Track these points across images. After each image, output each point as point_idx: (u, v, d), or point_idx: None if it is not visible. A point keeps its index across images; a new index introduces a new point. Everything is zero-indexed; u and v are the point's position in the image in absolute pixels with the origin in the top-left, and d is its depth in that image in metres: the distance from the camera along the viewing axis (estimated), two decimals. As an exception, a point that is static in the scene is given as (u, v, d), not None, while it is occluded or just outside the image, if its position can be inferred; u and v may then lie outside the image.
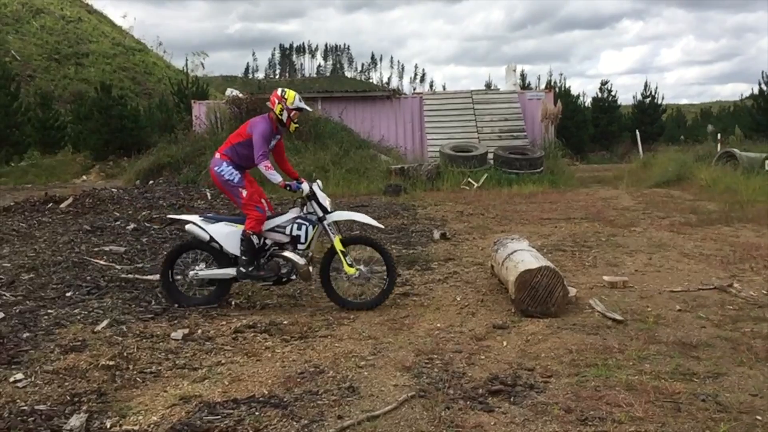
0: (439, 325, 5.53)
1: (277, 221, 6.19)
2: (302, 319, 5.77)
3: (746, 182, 14.34)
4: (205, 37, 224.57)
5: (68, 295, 6.43)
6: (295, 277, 6.21)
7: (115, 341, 5.05)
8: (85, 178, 24.48)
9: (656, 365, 4.43)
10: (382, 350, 4.89)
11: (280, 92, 6.26)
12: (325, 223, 6.13)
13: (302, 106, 6.23)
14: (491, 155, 18.33)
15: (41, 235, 9.67)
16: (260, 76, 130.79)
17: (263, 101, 19.80)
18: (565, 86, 37.34)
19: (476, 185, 16.69)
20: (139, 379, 4.38)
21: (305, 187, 6.09)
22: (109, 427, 3.69)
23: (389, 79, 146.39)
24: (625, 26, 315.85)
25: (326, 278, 6.19)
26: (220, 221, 6.26)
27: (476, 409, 3.80)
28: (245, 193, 6.11)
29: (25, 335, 5.18)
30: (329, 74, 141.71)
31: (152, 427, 3.68)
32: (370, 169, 17.52)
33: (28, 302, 6.14)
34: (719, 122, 35.04)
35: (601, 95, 38.48)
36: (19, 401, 3.99)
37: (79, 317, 5.69)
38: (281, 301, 6.51)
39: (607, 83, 38.83)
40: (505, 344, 4.97)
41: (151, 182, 17.71)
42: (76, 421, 3.71)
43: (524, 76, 38.24)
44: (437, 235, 9.74)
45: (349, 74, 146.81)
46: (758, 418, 3.62)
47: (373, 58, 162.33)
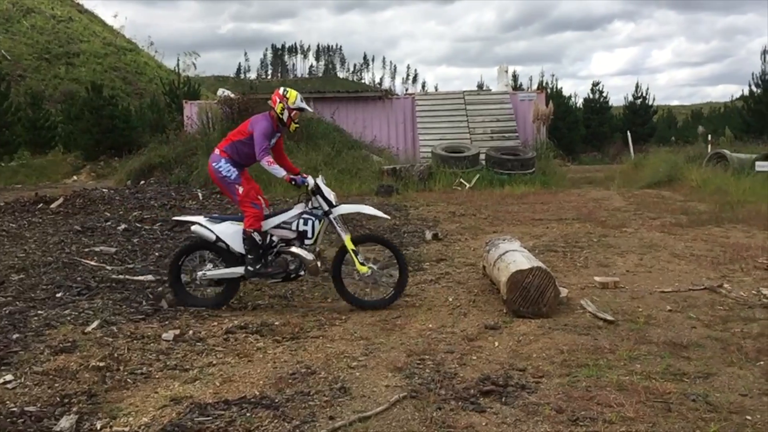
0: (430, 325, 5.53)
1: (282, 217, 6.18)
2: (294, 319, 5.76)
3: (736, 183, 14.41)
4: (196, 37, 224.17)
5: (58, 295, 6.40)
6: (303, 273, 6.20)
7: (105, 342, 5.02)
8: (75, 178, 24.37)
9: (647, 365, 4.44)
10: (373, 351, 4.88)
11: (282, 91, 6.26)
12: (331, 216, 6.12)
13: (303, 106, 6.25)
14: (483, 156, 18.35)
15: (31, 235, 9.61)
16: (252, 76, 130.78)
17: (255, 101, 19.87)
18: (556, 87, 37.47)
19: (468, 186, 16.71)
20: (129, 380, 4.36)
21: (311, 180, 6.09)
22: (99, 428, 3.68)
23: (381, 79, 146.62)
24: (616, 28, 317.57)
25: (338, 277, 6.19)
26: (225, 220, 6.24)
27: (468, 409, 3.80)
28: (241, 190, 6.11)
29: (14, 336, 5.15)
30: (321, 75, 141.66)
31: (143, 428, 3.66)
32: (362, 169, 17.51)
33: (17, 303, 6.10)
34: (710, 123, 35.23)
35: (592, 96, 38.68)
36: (8, 402, 3.96)
37: (69, 318, 5.66)
38: (273, 301, 6.50)
39: (598, 84, 39.08)
40: (496, 345, 4.98)
41: (142, 183, 17.65)
42: (66, 422, 3.69)
43: (516, 77, 38.44)
44: (429, 235, 9.74)
45: (341, 75, 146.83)
46: (748, 418, 3.64)
47: (365, 58, 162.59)
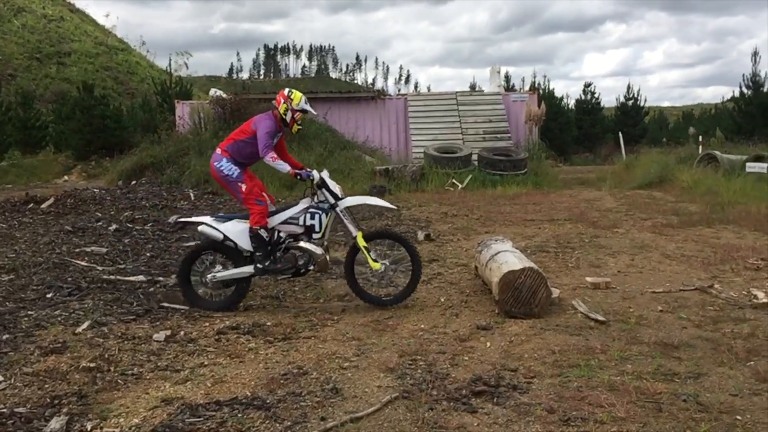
0: (422, 326, 5.53)
1: (289, 213, 6.17)
2: (286, 320, 5.75)
3: (727, 184, 14.48)
4: (188, 36, 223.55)
5: (49, 296, 6.36)
6: (312, 267, 6.19)
7: (96, 343, 5.00)
8: (66, 178, 24.25)
9: (638, 365, 4.46)
10: (365, 351, 4.88)
11: (286, 92, 6.29)
12: (337, 209, 6.12)
13: (307, 108, 6.28)
14: (475, 156, 18.38)
15: (22, 235, 9.56)
16: (245, 76, 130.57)
17: (247, 101, 19.84)
18: (548, 88, 37.57)
19: (460, 186, 16.72)
20: (120, 381, 4.34)
21: (316, 174, 6.09)
22: (89, 429, 3.66)
23: (374, 80, 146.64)
24: (608, 29, 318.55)
25: (351, 275, 6.19)
26: (231, 219, 6.22)
27: (459, 410, 3.80)
28: (245, 187, 6.11)
29: (4, 337, 5.12)
30: (314, 75, 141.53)
31: (133, 429, 3.64)
32: (354, 170, 17.49)
33: (7, 304, 6.06)
34: (701, 125, 35.35)
35: (584, 97, 38.78)
36: (-3, 404, 3.94)
37: (59, 319, 5.63)
38: (265, 302, 6.48)
39: (590, 85, 39.15)
40: (488, 345, 4.99)
41: (133, 183, 17.58)
42: (56, 423, 3.67)
43: (508, 77, 38.58)
44: (421, 236, 9.74)
45: (333, 75, 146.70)
46: (738, 417, 3.65)
47: (358, 59, 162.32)
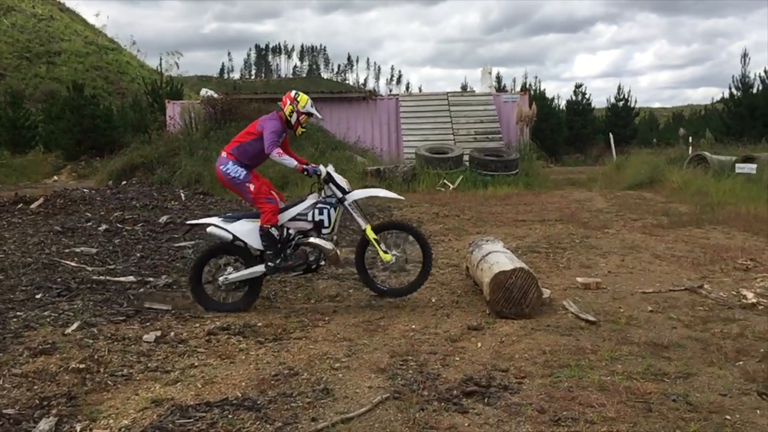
0: (414, 326, 5.53)
1: (297, 209, 6.16)
2: (277, 321, 5.74)
3: (717, 185, 14.56)
4: (179, 36, 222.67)
5: (38, 297, 6.32)
6: (324, 262, 6.20)
7: (85, 344, 4.97)
8: (56, 178, 24.12)
9: (628, 366, 4.47)
10: (356, 352, 4.88)
11: (293, 94, 6.29)
12: (345, 203, 6.12)
13: (313, 111, 6.27)
14: (467, 157, 18.40)
15: (11, 236, 9.50)
16: (236, 76, 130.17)
17: (239, 102, 19.81)
18: (540, 89, 37.74)
19: (452, 187, 16.74)
20: (110, 382, 4.32)
21: (323, 168, 6.10)
22: (78, 430, 3.64)
23: (365, 80, 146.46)
24: (599, 30, 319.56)
25: (362, 267, 6.21)
26: (240, 219, 6.20)
27: (450, 410, 3.80)
28: (253, 187, 6.10)
29: (-8, 338, 5.08)
30: (305, 75, 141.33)
31: (123, 430, 3.63)
32: (346, 170, 17.43)
33: (-4, 304, 6.02)
34: (691, 126, 35.55)
35: (575, 98, 38.89)
36: (-14, 405, 3.91)
37: (48, 319, 5.60)
38: (255, 303, 6.46)
39: (581, 86, 39.28)
40: (479, 345, 4.99)
41: (123, 183, 17.52)
42: (45, 425, 3.65)
43: (500, 78, 38.83)
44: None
45: (325, 75, 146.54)
46: (727, 417, 3.67)
47: (349, 59, 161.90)
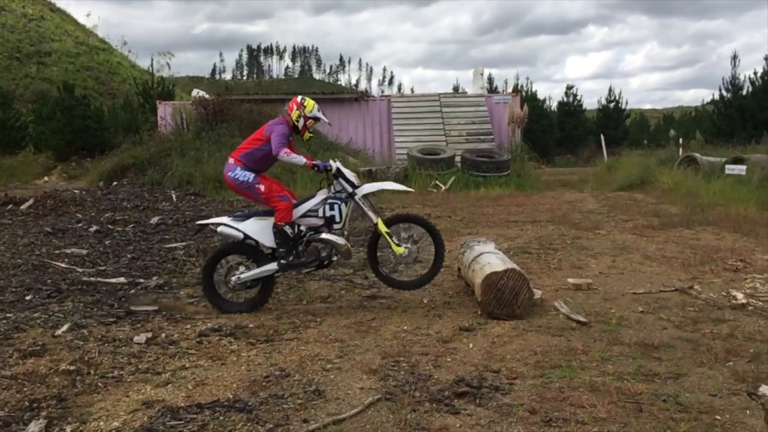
0: (405, 327, 5.53)
1: (307, 206, 6.16)
2: (268, 322, 5.73)
3: (707, 186, 14.64)
4: (171, 37, 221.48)
5: (28, 298, 6.30)
6: (336, 258, 6.21)
7: (75, 345, 4.95)
8: (46, 179, 23.99)
9: (619, 366, 4.49)
10: (348, 353, 4.87)
11: (299, 99, 6.32)
12: (356, 198, 6.13)
13: (319, 115, 6.30)
14: (459, 158, 18.44)
15: (0, 237, 9.45)
16: (227, 77, 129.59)
17: (230, 102, 19.78)
18: (531, 90, 37.85)
19: (444, 188, 16.77)
20: (100, 384, 4.30)
21: (333, 163, 6.11)
22: (68, 433, 3.62)
23: (357, 81, 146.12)
24: (590, 32, 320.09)
25: (374, 261, 6.22)
26: (250, 217, 6.19)
27: (442, 411, 3.81)
28: (263, 187, 6.09)
29: (-18, 340, 5.05)
30: (297, 76, 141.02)
31: (113, 432, 3.61)
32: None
33: (-15, 306, 5.99)
34: (681, 127, 35.73)
35: (566, 99, 39.05)
36: (-25, 408, 3.88)
37: (38, 321, 5.58)
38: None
39: (572, 88, 39.45)
40: (471, 346, 5.00)
41: (114, 184, 17.45)
42: (34, 427, 3.63)
43: (491, 79, 38.78)
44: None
45: (317, 76, 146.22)
46: (717, 418, 3.69)
47: (341, 60, 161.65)
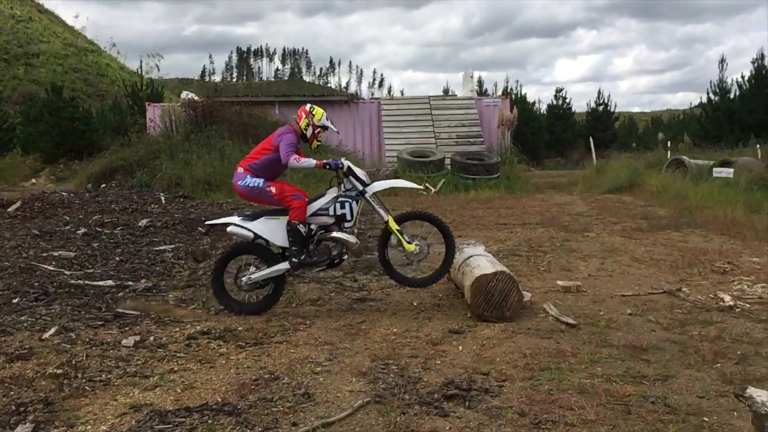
0: (395, 330, 5.53)
1: (318, 204, 6.16)
2: (258, 325, 5.71)
3: (695, 189, 14.75)
4: (160, 38, 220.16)
5: (15, 301, 6.25)
6: (346, 256, 6.20)
7: (63, 349, 4.92)
8: (34, 181, 23.86)
9: (608, 368, 4.50)
10: (338, 356, 4.86)
11: (308, 108, 6.33)
12: (366, 195, 6.14)
13: (328, 124, 6.31)
14: (448, 161, 18.48)
15: (-13, 239, 9.37)
16: (217, 79, 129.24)
17: (220, 104, 19.71)
18: (521, 93, 38.01)
19: (434, 190, 16.79)
20: (88, 387, 4.27)
21: (344, 162, 6.13)
22: (55, 437, 3.59)
23: (348, 83, 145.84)
24: (579, 35, 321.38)
25: (385, 258, 6.23)
26: (259, 216, 6.17)
27: (431, 413, 3.80)
28: (274, 189, 6.09)
29: (-32, 343, 5.01)
30: (287, 78, 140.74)
31: (101, 437, 3.59)
32: (327, 173, 17.42)
33: (-29, 309, 5.94)
34: (669, 130, 35.94)
35: (556, 102, 39.29)
36: (-40, 412, 3.85)
37: (25, 324, 5.53)
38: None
39: (561, 91, 39.68)
40: (460, 349, 5.00)
41: (103, 186, 17.36)
42: (21, 431, 3.60)
43: (481, 82, 38.83)
44: (394, 240, 9.72)
45: (307, 78, 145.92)
46: (705, 419, 3.71)
47: (331, 62, 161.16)
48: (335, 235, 6.08)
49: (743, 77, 27.66)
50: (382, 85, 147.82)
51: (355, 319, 5.91)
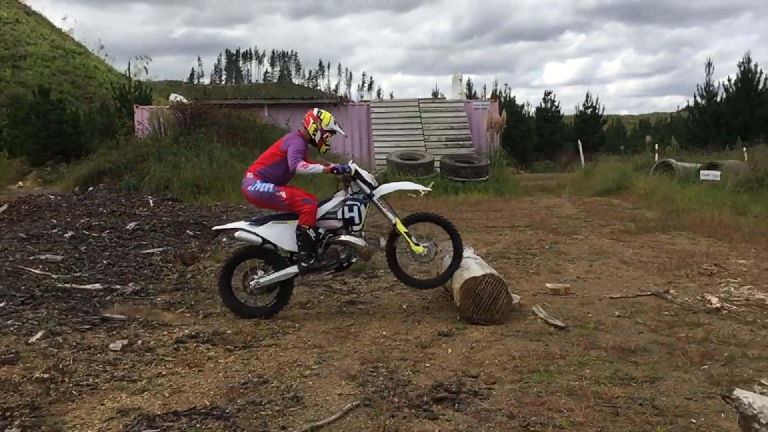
0: (384, 333, 5.53)
1: (326, 208, 6.15)
2: (246, 328, 5.69)
3: (682, 191, 14.84)
4: (149, 41, 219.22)
5: (1, 305, 6.18)
6: (355, 259, 6.20)
7: (50, 353, 4.88)
8: (21, 184, 23.65)
9: (596, 370, 4.52)
10: (327, 359, 4.86)
11: (316, 112, 6.34)
12: (374, 198, 6.13)
13: (336, 128, 6.36)
14: (438, 163, 18.51)
15: (-27, 243, 9.29)
16: (206, 81, 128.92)
17: (209, 107, 19.65)
18: (510, 96, 38.16)
19: (423, 193, 16.77)
20: (74, 392, 4.24)
21: (351, 165, 6.13)
22: (42, 442, 3.56)
23: (337, 86, 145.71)
24: (567, 38, 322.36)
25: (393, 260, 6.22)
26: (267, 221, 6.15)
27: (421, 416, 3.81)
28: (284, 194, 6.10)
29: (-47, 348, 4.96)
30: (276, 81, 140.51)
31: (88, 441, 3.56)
32: (316, 176, 17.43)
33: (-43, 313, 5.88)
34: (657, 133, 36.14)
35: (544, 105, 39.48)
36: (-55, 417, 3.81)
37: (12, 328, 5.49)
38: (225, 310, 6.38)
39: (550, 94, 39.90)
40: (449, 351, 5.01)
41: (90, 189, 17.24)
42: (6, 437, 3.57)
43: (470, 85, 39.04)
44: (383, 243, 9.73)
45: (296, 81, 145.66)
46: (693, 421, 3.73)
47: (320, 65, 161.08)
48: (344, 238, 6.08)
49: (729, 81, 27.87)
50: (371, 87, 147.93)
51: (344, 322, 5.90)
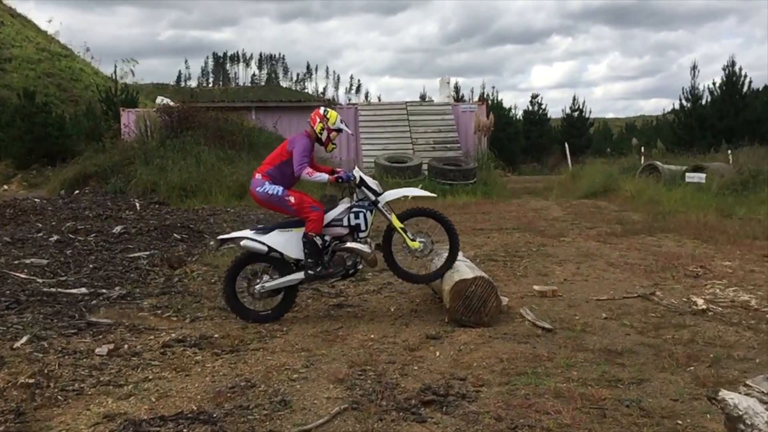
0: (372, 336, 5.53)
1: (331, 215, 6.12)
2: (234, 332, 5.67)
3: (668, 194, 14.95)
4: (135, 43, 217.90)
5: (-15, 310, 6.13)
6: (361, 266, 6.19)
7: (35, 358, 4.83)
8: (6, 187, 23.46)
9: (583, 372, 4.54)
10: (315, 362, 4.85)
11: (322, 111, 6.32)
12: (379, 205, 6.13)
13: (343, 127, 6.30)
14: (426, 166, 18.54)
15: (-43, 247, 9.19)
16: (193, 84, 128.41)
17: (196, 110, 19.57)
18: (497, 99, 38.25)
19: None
20: (60, 397, 4.21)
21: (356, 173, 6.12)
22: (27, 448, 3.53)
23: (325, 89, 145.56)
24: (554, 42, 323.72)
25: (390, 256, 6.22)
26: (273, 230, 6.12)
27: (409, 420, 3.80)
28: (293, 199, 6.06)
29: (-64, 353, 4.90)
30: (264, 84, 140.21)
31: (74, 447, 3.53)
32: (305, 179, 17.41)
33: (-60, 318, 5.81)
34: (643, 136, 36.38)
35: (531, 108, 39.63)
36: (-72, 424, 3.77)
37: (-4, 333, 5.43)
38: (212, 313, 6.37)
39: (537, 97, 40.08)
40: (437, 354, 5.01)
41: (76, 192, 17.15)
42: (-9, 443, 3.54)
43: (458, 88, 39.09)
44: (372, 245, 9.72)
45: (284, 84, 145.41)
46: (679, 422, 3.75)
47: (308, 68, 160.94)
48: (350, 245, 6.08)
49: (714, 84, 28.04)
50: (359, 90, 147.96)
51: (332, 325, 5.89)
